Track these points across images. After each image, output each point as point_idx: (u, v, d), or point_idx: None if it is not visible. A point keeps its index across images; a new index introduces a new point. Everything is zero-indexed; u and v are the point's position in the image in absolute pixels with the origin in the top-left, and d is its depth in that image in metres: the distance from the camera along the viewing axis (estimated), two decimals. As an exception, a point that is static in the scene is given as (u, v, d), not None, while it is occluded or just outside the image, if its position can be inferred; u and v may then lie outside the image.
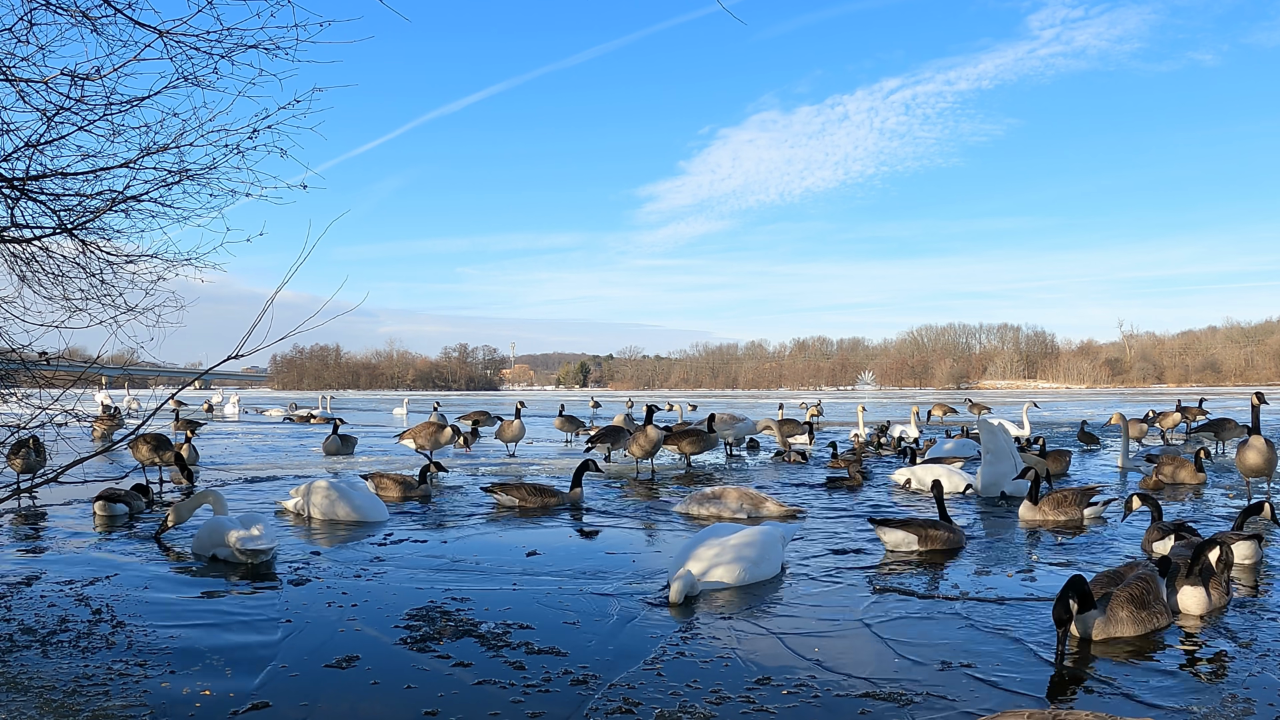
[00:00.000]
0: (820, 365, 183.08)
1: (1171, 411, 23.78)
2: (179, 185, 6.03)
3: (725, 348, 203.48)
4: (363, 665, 4.92)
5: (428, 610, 6.02)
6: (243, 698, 4.43)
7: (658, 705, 4.28)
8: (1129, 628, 5.34)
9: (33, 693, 4.46)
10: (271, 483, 13.93)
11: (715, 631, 5.61)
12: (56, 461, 10.75)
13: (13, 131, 5.49)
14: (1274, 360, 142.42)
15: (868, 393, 67.30)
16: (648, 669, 4.82)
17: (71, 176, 5.78)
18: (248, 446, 22.90)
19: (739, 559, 6.80)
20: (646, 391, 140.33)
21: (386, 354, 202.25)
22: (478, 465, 16.85)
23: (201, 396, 56.90)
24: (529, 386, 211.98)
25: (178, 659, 5.03)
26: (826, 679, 4.64)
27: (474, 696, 4.45)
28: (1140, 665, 4.92)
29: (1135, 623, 5.35)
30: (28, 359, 6.53)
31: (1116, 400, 69.47)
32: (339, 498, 10.11)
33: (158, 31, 5.13)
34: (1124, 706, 4.31)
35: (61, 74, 5.21)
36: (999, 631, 5.55)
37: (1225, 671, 4.80)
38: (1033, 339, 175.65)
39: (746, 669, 4.84)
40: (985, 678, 4.70)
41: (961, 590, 6.57)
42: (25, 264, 6.27)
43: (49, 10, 5.11)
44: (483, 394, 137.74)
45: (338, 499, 10.11)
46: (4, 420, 6.51)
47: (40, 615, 5.92)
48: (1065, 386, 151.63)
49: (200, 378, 7.56)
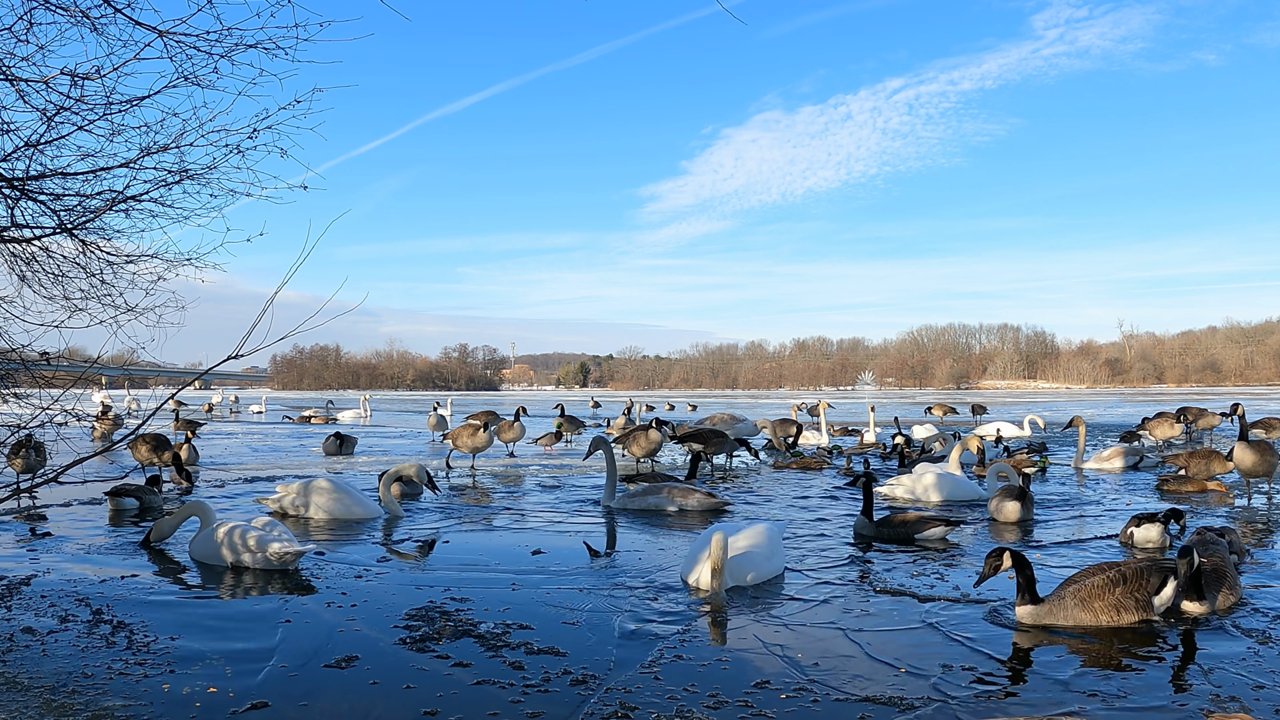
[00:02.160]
0: (820, 365, 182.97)
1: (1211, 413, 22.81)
2: (179, 185, 6.03)
3: (725, 348, 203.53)
4: (362, 665, 4.92)
5: (427, 610, 6.02)
6: (242, 697, 4.43)
7: (655, 710, 4.27)
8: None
9: (33, 693, 4.46)
10: (271, 483, 13.92)
11: (715, 633, 5.61)
12: (56, 461, 10.74)
13: (13, 131, 5.50)
14: (1274, 360, 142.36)
15: (868, 393, 67.35)
16: (645, 672, 4.81)
17: (71, 176, 5.78)
18: (248, 446, 22.90)
19: (751, 557, 6.89)
20: (646, 391, 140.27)
21: (386, 354, 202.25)
22: (478, 465, 16.84)
23: (202, 397, 56.92)
24: (529, 386, 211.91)
25: (178, 659, 5.03)
26: (826, 683, 4.64)
27: (473, 696, 4.45)
28: (1138, 666, 4.92)
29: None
30: (28, 359, 6.52)
31: (1117, 400, 69.45)
32: (339, 495, 10.12)
33: (158, 31, 5.13)
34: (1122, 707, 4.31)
35: (61, 74, 5.21)
36: (996, 636, 5.54)
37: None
38: (1033, 339, 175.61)
39: (746, 672, 4.83)
40: (986, 681, 4.70)
41: (963, 592, 6.56)
42: (25, 264, 6.26)
43: (49, 10, 5.12)
44: (482, 394, 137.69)
45: (338, 497, 10.11)
46: (4, 420, 6.50)
47: (40, 615, 5.93)
48: (1065, 387, 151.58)
49: (200, 378, 7.55)
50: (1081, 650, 5.22)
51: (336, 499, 10.13)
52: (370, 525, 9.78)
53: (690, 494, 10.87)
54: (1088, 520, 10.13)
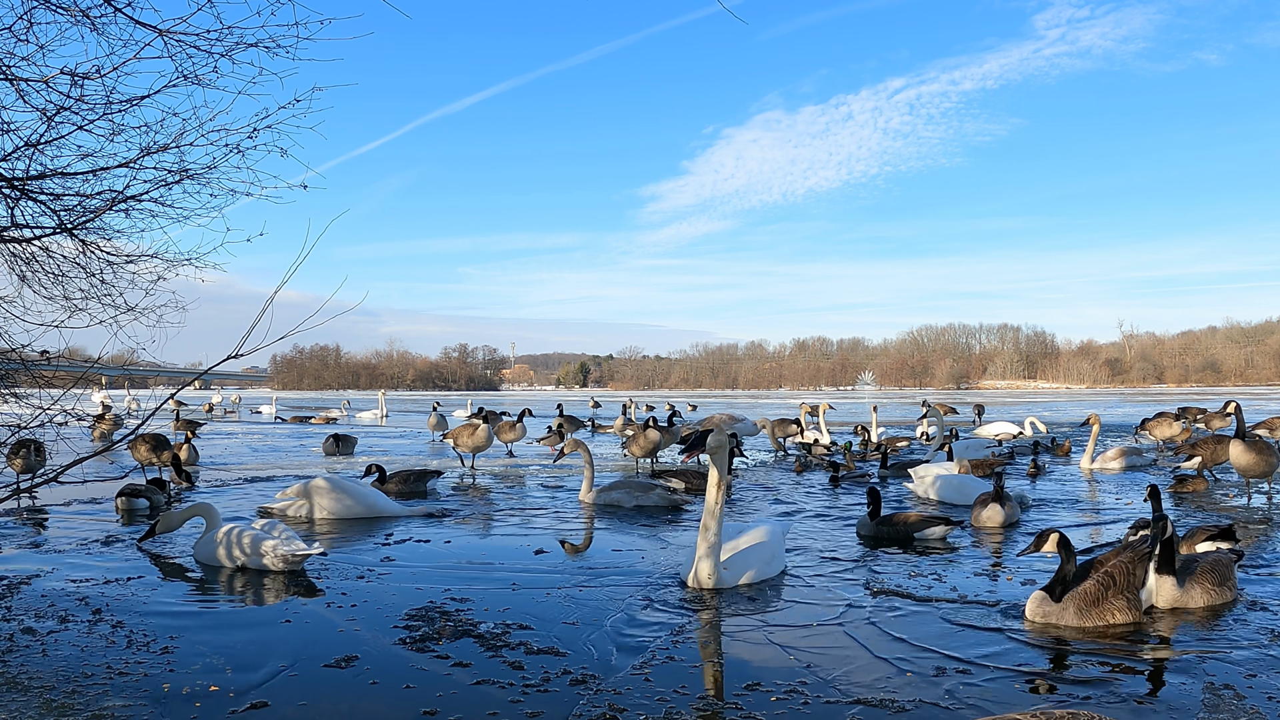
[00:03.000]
0: (820, 365, 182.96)
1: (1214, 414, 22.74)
2: (179, 185, 6.03)
3: (725, 348, 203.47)
4: (361, 665, 4.92)
5: (427, 610, 6.02)
6: (242, 697, 4.43)
7: (643, 712, 4.25)
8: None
9: (33, 693, 4.46)
10: (270, 483, 13.91)
11: (710, 634, 5.60)
12: (56, 461, 10.74)
13: (13, 131, 5.50)
14: (1274, 360, 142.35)
15: (868, 393, 67.23)
16: (636, 674, 4.79)
17: (71, 176, 5.79)
18: (248, 446, 22.89)
19: (752, 560, 6.90)
20: (646, 391, 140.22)
21: (386, 354, 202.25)
22: (478, 464, 16.83)
23: (202, 397, 56.87)
24: (529, 386, 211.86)
25: (178, 659, 5.03)
26: (817, 685, 4.62)
27: (472, 696, 4.45)
28: (1135, 667, 4.92)
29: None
30: (28, 359, 6.52)
31: (1117, 400, 69.46)
32: (345, 494, 10.17)
33: (158, 30, 5.13)
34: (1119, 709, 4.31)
35: (61, 73, 5.22)
36: (995, 637, 5.54)
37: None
38: (1033, 339, 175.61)
39: (738, 673, 4.82)
40: (980, 684, 4.69)
41: (960, 594, 6.55)
42: (25, 264, 6.26)
43: (49, 9, 5.12)
44: (482, 394, 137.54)
45: (343, 496, 10.15)
46: (4, 420, 6.50)
47: (40, 615, 5.93)
48: (1065, 387, 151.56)
49: (200, 377, 7.55)
50: (1082, 651, 5.21)
51: (346, 496, 10.19)
52: (373, 525, 9.78)
53: (650, 490, 11.21)
54: (1085, 524, 10.12)
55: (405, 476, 12.42)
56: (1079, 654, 5.15)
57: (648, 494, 11.17)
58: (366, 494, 10.39)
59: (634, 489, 11.23)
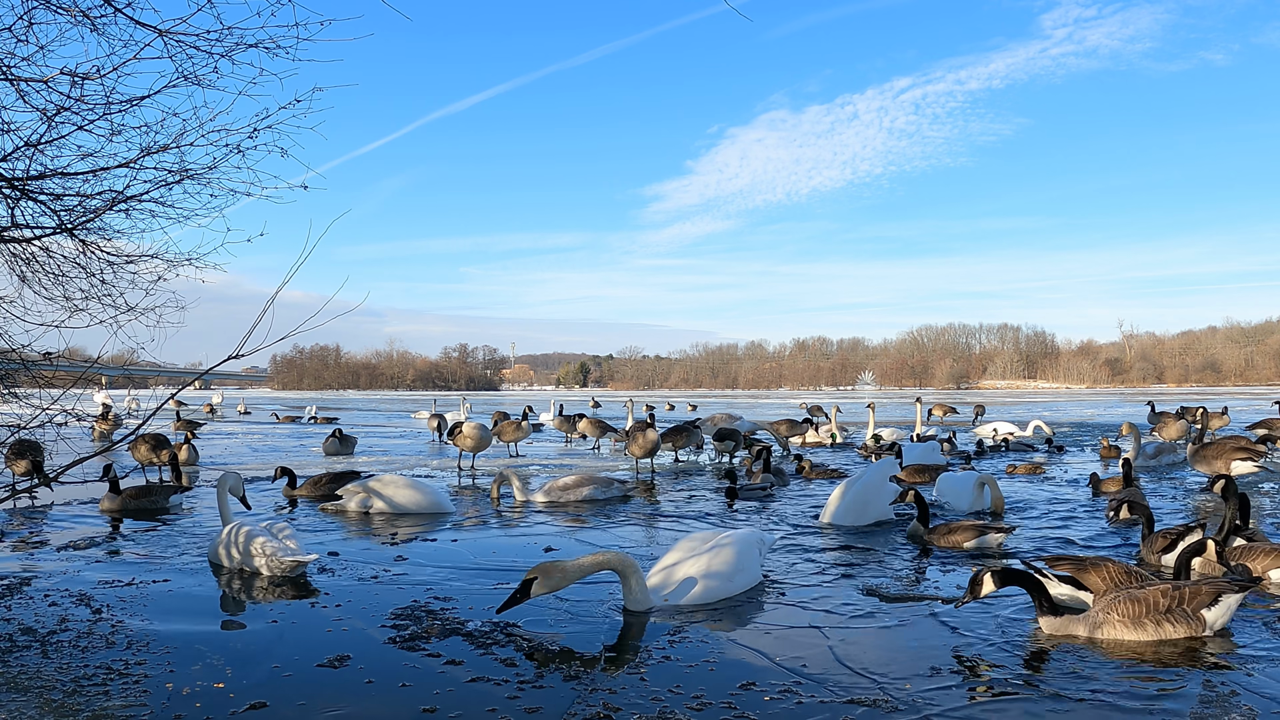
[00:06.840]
0: (820, 365, 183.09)
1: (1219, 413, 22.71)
2: (179, 185, 6.05)
3: (725, 348, 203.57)
4: (355, 664, 4.93)
5: (413, 609, 6.03)
6: (242, 697, 4.44)
7: (638, 712, 4.25)
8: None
9: (33, 693, 4.47)
10: (271, 483, 13.91)
11: (704, 635, 5.60)
12: (56, 461, 10.75)
13: (13, 131, 5.51)
14: (1274, 360, 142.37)
15: (868, 393, 67.28)
16: (631, 673, 4.80)
17: (71, 176, 5.80)
18: (248, 446, 22.91)
19: (710, 576, 6.36)
20: (646, 391, 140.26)
21: (386, 354, 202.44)
22: (478, 464, 16.84)
23: (202, 397, 56.84)
24: (529, 386, 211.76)
25: (177, 659, 5.03)
26: (811, 685, 4.62)
27: (468, 694, 4.46)
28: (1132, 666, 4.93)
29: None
30: (28, 359, 6.53)
31: (1116, 400, 69.42)
32: (408, 490, 10.59)
33: (158, 31, 5.14)
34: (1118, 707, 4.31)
35: (61, 73, 5.23)
36: (984, 637, 5.53)
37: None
38: (1033, 339, 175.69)
39: (733, 672, 4.82)
40: (972, 684, 4.70)
41: (958, 597, 6.54)
42: (25, 264, 6.28)
43: (49, 9, 5.13)
44: (482, 394, 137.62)
45: (407, 491, 10.58)
46: (4, 420, 6.51)
47: (40, 615, 5.93)
48: (1065, 386, 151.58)
49: (200, 378, 7.56)
50: (1083, 655, 5.22)
51: (409, 492, 10.62)
52: (399, 521, 9.79)
53: (581, 487, 11.64)
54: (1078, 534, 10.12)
55: (318, 480, 12.08)
56: (1083, 657, 5.16)
57: (610, 486, 11.79)
58: (431, 489, 10.81)
59: (593, 483, 11.69)
